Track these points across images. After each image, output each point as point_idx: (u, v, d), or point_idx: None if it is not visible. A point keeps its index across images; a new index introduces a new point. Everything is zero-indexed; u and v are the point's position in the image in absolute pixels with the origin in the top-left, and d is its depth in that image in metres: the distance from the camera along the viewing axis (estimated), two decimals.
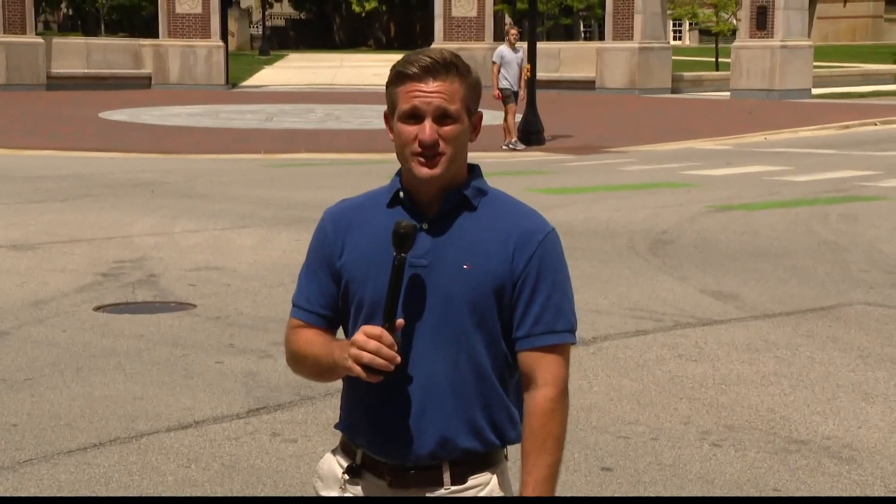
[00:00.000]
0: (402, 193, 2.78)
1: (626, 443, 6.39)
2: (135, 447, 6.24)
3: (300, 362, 2.86)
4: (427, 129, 2.69)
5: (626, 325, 8.98)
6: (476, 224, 2.77)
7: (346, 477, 2.81)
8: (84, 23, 71.86)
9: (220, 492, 5.62)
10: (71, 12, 77.54)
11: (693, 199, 16.05)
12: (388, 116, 2.80)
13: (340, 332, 2.96)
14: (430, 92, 2.70)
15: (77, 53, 39.52)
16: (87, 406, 6.91)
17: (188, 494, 5.60)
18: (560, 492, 5.64)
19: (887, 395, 7.32)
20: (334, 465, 2.86)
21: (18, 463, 6.00)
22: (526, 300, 2.76)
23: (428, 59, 2.71)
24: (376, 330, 2.62)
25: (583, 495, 5.62)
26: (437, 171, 2.71)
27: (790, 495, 5.65)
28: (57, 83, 37.08)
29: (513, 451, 2.89)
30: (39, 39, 39.36)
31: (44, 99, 33.90)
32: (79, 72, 38.23)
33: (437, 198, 2.76)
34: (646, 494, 5.64)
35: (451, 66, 2.73)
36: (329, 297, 2.85)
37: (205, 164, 20.47)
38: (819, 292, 10.24)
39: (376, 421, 2.75)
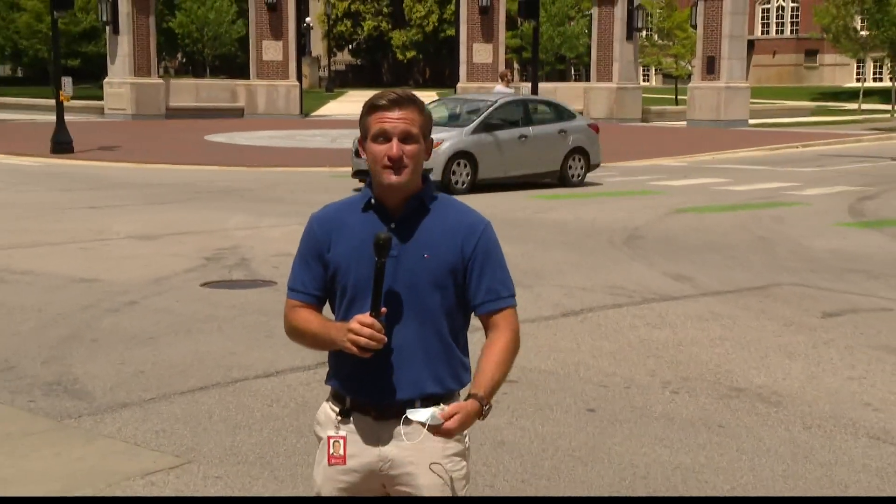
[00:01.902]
0: (373, 200, 2.77)
1: (606, 390, 6.37)
2: (231, 390, 6.27)
3: (300, 335, 2.84)
4: (394, 146, 2.67)
5: (606, 300, 8.95)
6: (431, 222, 2.75)
7: (339, 418, 2.80)
8: (194, 68, 72.11)
9: (295, 425, 5.60)
10: (184, 60, 77.78)
11: (659, 204, 15.98)
12: (361, 142, 2.78)
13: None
14: (396, 118, 2.68)
15: (188, 91, 39.68)
16: (195, 358, 6.94)
17: (271, 426, 5.59)
18: (554, 427, 5.65)
19: (806, 354, 7.28)
20: (328, 410, 2.85)
21: (145, 401, 6.03)
22: (478, 277, 2.75)
23: (394, 94, 2.71)
24: (368, 319, 2.60)
25: (573, 430, 5.61)
26: (402, 178, 2.69)
27: (731, 430, 5.62)
28: (173, 113, 37.23)
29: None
30: (160, 80, 39.51)
31: (163, 126, 34.02)
32: (190, 105, 38.36)
33: (401, 203, 2.74)
34: (621, 430, 5.62)
35: (411, 101, 2.72)
36: (320, 282, 2.82)
37: (283, 175, 20.49)
38: (754, 276, 10.19)
39: (362, 377, 2.74)
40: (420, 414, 2.58)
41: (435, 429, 2.57)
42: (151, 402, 6.01)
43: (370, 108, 2.73)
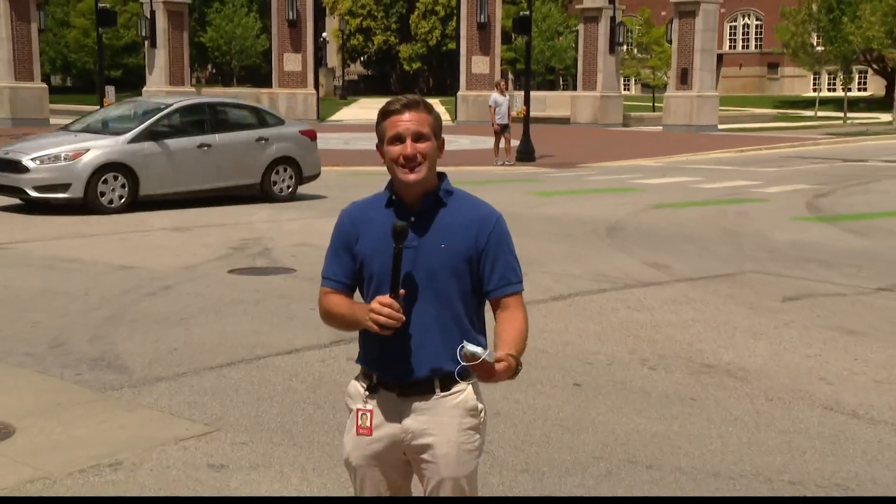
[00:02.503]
0: (394, 197, 2.75)
1: (591, 367, 6.36)
2: (255, 366, 6.26)
3: (331, 318, 2.81)
4: (408, 146, 2.64)
5: (591, 286, 8.93)
6: (447, 215, 2.71)
7: (367, 393, 2.77)
8: (223, 78, 71.97)
9: (312, 397, 5.60)
10: (214, 70, 77.65)
11: (637, 200, 15.95)
12: (378, 146, 2.75)
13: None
14: (408, 120, 2.66)
15: None
16: (222, 337, 6.93)
17: (290, 398, 5.58)
18: (544, 400, 5.62)
19: (768, 334, 7.26)
20: (358, 386, 2.82)
21: (178, 375, 6.02)
22: (491, 265, 2.73)
23: (404, 99, 2.70)
24: (387, 299, 2.58)
25: (560, 402, 5.59)
26: (418, 175, 2.66)
27: (702, 402, 5.61)
28: None
29: None
30: (193, 89, 39.44)
31: None
32: None
33: (419, 199, 2.71)
34: (604, 402, 5.61)
35: (421, 103, 2.70)
36: (349, 271, 2.79)
37: None
38: (722, 264, 10.17)
39: (387, 357, 2.71)
40: (476, 347, 2.47)
41: (483, 364, 2.46)
42: (184, 376, 6.00)
43: (384, 113, 2.70)
